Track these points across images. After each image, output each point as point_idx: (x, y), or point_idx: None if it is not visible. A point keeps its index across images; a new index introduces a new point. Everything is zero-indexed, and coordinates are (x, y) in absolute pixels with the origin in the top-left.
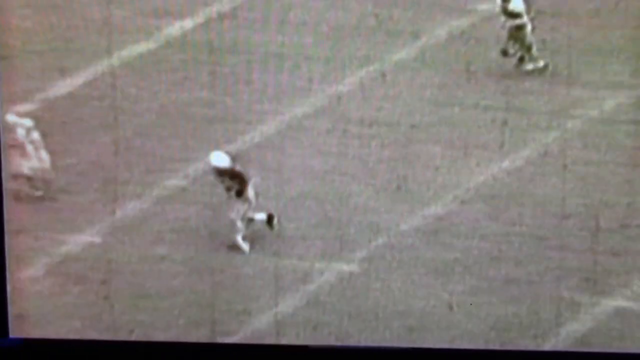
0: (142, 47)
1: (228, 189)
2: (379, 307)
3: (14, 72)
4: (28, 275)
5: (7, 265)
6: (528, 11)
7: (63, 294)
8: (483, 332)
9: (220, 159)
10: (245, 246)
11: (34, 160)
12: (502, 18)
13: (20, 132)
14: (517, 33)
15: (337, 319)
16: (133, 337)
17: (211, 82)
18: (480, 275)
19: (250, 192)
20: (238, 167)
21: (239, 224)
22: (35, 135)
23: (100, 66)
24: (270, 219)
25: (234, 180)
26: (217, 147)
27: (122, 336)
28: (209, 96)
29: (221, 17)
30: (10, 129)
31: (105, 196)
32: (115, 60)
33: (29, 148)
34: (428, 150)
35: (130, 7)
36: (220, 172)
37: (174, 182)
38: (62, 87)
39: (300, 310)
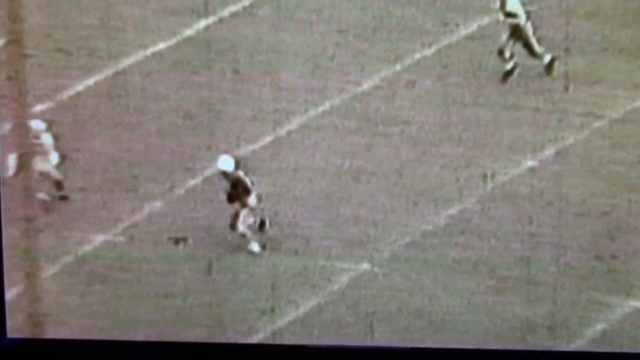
0: (165, 46)
1: (229, 197)
2: (400, 307)
3: (30, 71)
4: (46, 275)
5: (4, 264)
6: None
7: (81, 294)
8: (505, 333)
9: (225, 163)
10: (256, 248)
11: (44, 161)
12: (501, 18)
13: (32, 134)
14: (517, 33)
15: (356, 318)
16: (153, 338)
17: (228, 81)
18: (502, 275)
19: (252, 199)
20: (241, 174)
21: (248, 232)
22: (46, 137)
23: (117, 65)
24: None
25: (234, 188)
26: (234, 145)
27: (141, 336)
28: (227, 95)
29: (237, 15)
30: (21, 130)
31: (122, 195)
32: (132, 59)
33: (39, 150)
34: (449, 150)
35: (145, 6)
36: (225, 176)
37: (192, 181)
38: (78, 86)
39: (316, 309)
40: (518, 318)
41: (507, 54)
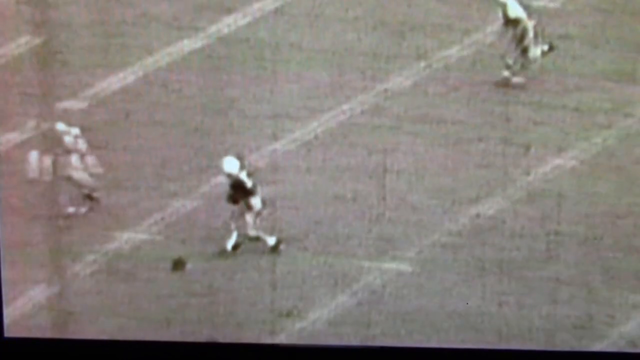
0: (191, 43)
1: (230, 198)
2: (428, 307)
3: (64, 68)
4: (77, 273)
5: (2, 262)
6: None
7: (107, 293)
8: (532, 333)
9: (230, 165)
10: (272, 242)
11: (80, 168)
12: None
13: (68, 140)
14: (520, 37)
15: (384, 318)
16: (183, 337)
17: (258, 79)
18: (530, 275)
19: (255, 201)
20: (243, 176)
21: (254, 231)
22: (82, 142)
23: (149, 62)
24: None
25: (235, 190)
26: (264, 142)
27: (168, 335)
28: (256, 93)
29: (269, 13)
30: (58, 136)
31: (154, 193)
32: (164, 56)
33: (76, 155)
34: (479, 148)
35: (178, 4)
36: (229, 177)
37: (218, 179)
38: (111, 83)
39: (343, 309)
40: (549, 318)
41: (510, 61)
